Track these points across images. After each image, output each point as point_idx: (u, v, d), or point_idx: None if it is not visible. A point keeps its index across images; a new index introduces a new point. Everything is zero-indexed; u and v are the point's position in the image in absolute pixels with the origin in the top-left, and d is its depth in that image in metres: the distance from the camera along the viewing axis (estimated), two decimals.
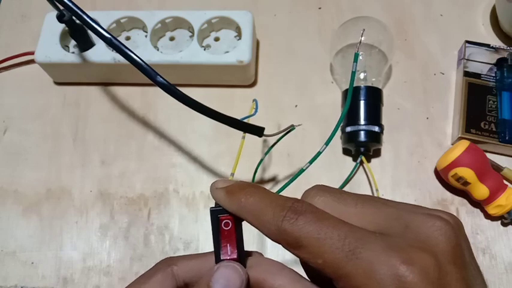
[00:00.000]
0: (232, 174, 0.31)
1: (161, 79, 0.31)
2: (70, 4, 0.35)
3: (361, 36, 0.33)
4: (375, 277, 0.18)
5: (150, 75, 0.32)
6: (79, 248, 0.42)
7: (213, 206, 0.24)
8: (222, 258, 0.23)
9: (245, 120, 0.34)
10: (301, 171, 0.29)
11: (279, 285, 0.22)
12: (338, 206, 0.21)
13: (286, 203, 0.21)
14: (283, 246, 0.21)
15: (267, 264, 0.24)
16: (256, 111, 0.35)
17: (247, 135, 0.33)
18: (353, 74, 0.30)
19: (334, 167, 0.44)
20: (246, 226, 0.23)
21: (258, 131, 0.33)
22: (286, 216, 0.20)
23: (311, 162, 0.29)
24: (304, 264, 0.24)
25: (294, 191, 0.24)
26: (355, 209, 0.21)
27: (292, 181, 0.28)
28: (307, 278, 0.23)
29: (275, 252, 0.41)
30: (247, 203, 0.22)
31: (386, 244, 0.19)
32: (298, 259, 0.22)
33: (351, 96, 0.31)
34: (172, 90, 0.32)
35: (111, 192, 0.44)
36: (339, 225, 0.20)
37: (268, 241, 0.41)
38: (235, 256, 0.23)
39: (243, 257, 0.23)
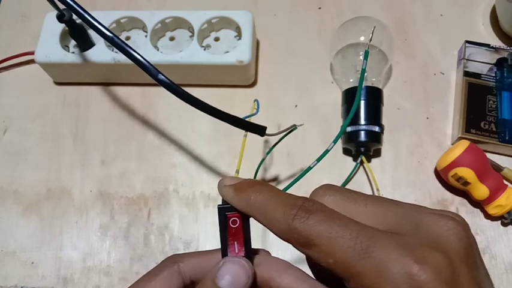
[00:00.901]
0: (237, 171, 0.31)
1: (163, 77, 0.31)
2: (71, 3, 0.35)
3: (372, 33, 0.32)
4: (387, 276, 0.18)
5: (151, 73, 0.32)
6: (79, 248, 0.42)
7: (220, 203, 0.24)
8: (229, 255, 0.23)
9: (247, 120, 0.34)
10: (309, 169, 0.28)
11: (286, 284, 0.22)
12: (348, 205, 0.21)
13: (296, 202, 0.21)
14: (293, 245, 0.20)
15: (274, 263, 0.24)
16: (257, 111, 0.35)
17: (249, 134, 0.33)
18: (363, 71, 0.30)
19: (334, 167, 0.44)
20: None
21: (260, 130, 0.33)
22: (297, 215, 0.20)
23: (319, 160, 0.29)
24: (311, 263, 0.24)
25: (294, 191, 0.24)
26: (365, 208, 0.21)
27: (298, 179, 0.28)
28: (313, 277, 0.23)
29: (276, 249, 0.41)
30: (256, 201, 0.22)
31: (399, 243, 0.19)
32: (303, 258, 0.22)
33: (360, 93, 0.30)
34: (174, 88, 0.32)
35: (111, 192, 0.44)
36: (350, 224, 0.20)
37: (271, 239, 0.41)
38: (242, 254, 0.23)
39: (250, 254, 0.23)
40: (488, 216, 0.41)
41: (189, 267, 0.24)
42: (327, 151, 0.30)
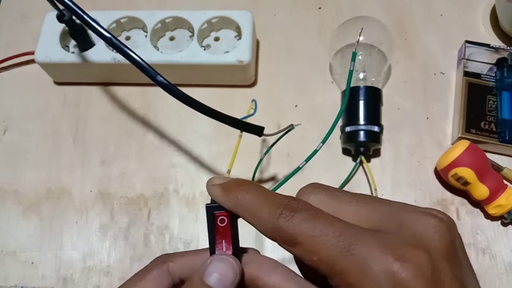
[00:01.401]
0: (229, 171, 0.31)
1: (161, 78, 0.31)
2: (70, 4, 0.35)
3: (359, 35, 0.33)
4: (369, 273, 0.18)
5: (150, 74, 0.32)
6: (79, 248, 0.42)
7: (209, 202, 0.24)
8: (216, 253, 0.23)
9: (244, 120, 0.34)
10: (298, 169, 0.29)
11: (273, 282, 0.22)
12: (333, 204, 0.22)
13: (282, 201, 0.21)
14: (279, 244, 0.21)
15: (261, 261, 0.24)
16: (255, 111, 0.35)
17: (247, 134, 0.33)
18: (350, 72, 0.30)
19: (333, 167, 0.44)
20: (245, 225, 0.23)
21: (257, 130, 0.33)
22: (282, 214, 0.20)
23: (307, 160, 0.29)
24: (299, 262, 0.24)
25: (293, 190, 0.24)
26: (349, 206, 0.22)
27: (288, 179, 0.28)
28: (301, 275, 0.23)
29: (274, 250, 0.41)
30: (243, 200, 0.22)
31: (381, 241, 0.19)
32: (292, 259, 0.22)
33: (348, 95, 0.31)
34: (172, 89, 0.32)
35: (111, 192, 0.44)
36: (333, 223, 0.20)
37: (267, 239, 0.41)
38: (230, 252, 0.23)
39: (238, 253, 0.24)
40: (488, 216, 0.41)
41: (178, 267, 0.25)
42: (315, 151, 0.30)
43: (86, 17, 0.35)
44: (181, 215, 0.43)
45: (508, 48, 0.47)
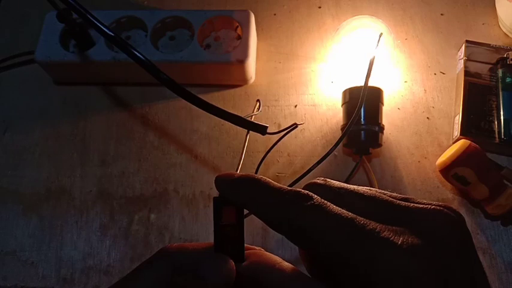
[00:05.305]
0: (237, 168, 0.31)
1: (166, 76, 0.31)
2: (72, 2, 0.34)
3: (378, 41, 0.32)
4: (378, 266, 0.18)
5: (154, 72, 0.32)
6: (79, 248, 0.42)
7: (217, 196, 0.24)
8: (221, 249, 0.23)
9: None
10: (309, 170, 0.29)
11: (277, 279, 0.22)
12: (341, 197, 0.22)
13: (290, 194, 0.21)
14: (287, 237, 0.21)
15: (266, 258, 0.24)
16: (259, 110, 0.35)
17: (249, 133, 0.33)
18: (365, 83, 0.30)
19: (334, 167, 0.44)
20: (247, 225, 0.23)
21: (261, 129, 0.33)
22: (290, 207, 0.21)
23: (319, 162, 0.29)
24: (304, 258, 0.24)
25: (295, 186, 0.24)
26: (357, 200, 0.22)
27: (299, 179, 0.28)
28: (306, 273, 0.23)
29: (279, 249, 0.41)
30: (251, 194, 0.22)
31: (390, 234, 0.19)
32: (298, 258, 0.22)
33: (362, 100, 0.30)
34: (177, 87, 0.31)
35: (111, 192, 0.44)
36: (343, 216, 0.20)
37: (270, 238, 0.41)
38: (235, 247, 0.23)
39: (243, 249, 0.24)
40: (488, 216, 0.41)
41: (179, 259, 0.25)
42: (328, 153, 0.30)
43: (88, 15, 0.35)
44: (181, 215, 0.43)
45: (508, 48, 0.47)
